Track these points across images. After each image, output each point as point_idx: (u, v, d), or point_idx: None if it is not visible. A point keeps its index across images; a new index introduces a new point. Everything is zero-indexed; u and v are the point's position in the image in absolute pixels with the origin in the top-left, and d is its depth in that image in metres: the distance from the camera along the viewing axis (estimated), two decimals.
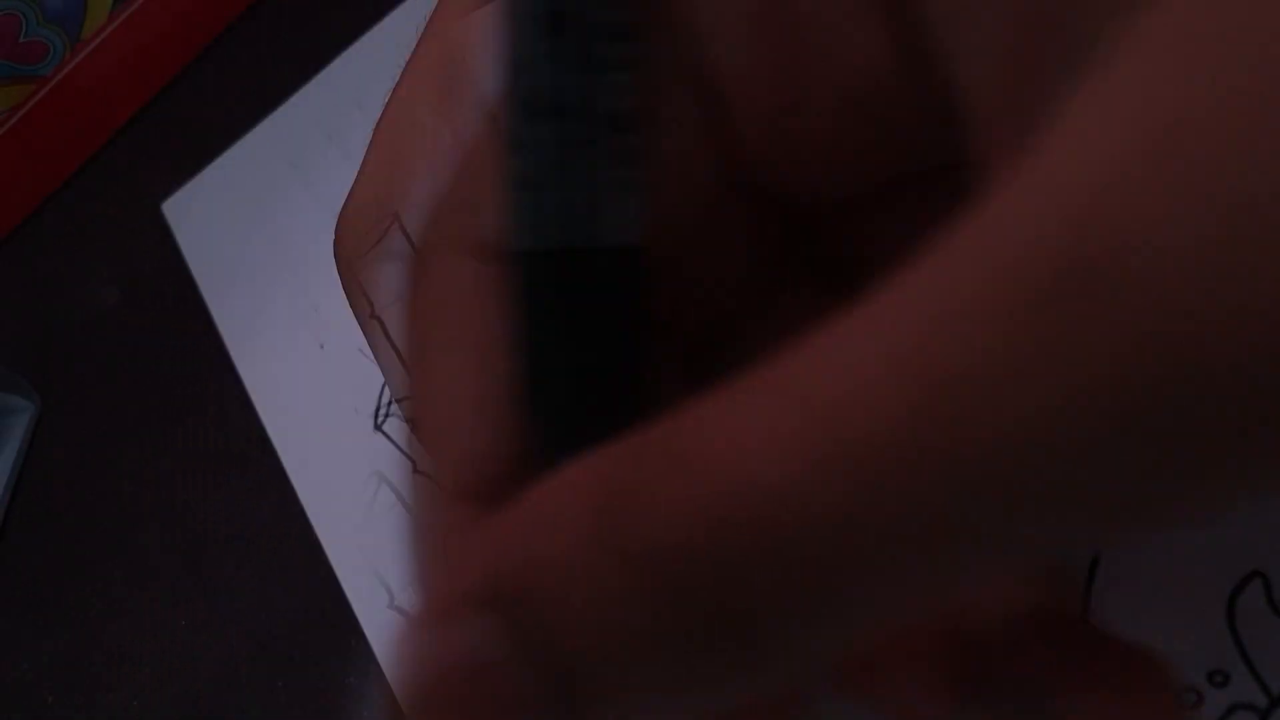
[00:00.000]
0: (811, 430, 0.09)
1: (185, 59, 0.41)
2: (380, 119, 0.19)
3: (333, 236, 0.20)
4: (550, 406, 0.14)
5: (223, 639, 0.30)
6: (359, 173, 0.19)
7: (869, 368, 0.09)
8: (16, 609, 0.34)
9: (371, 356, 0.32)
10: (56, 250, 0.41)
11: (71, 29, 0.38)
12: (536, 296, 0.13)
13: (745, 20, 0.13)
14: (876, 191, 0.14)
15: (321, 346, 0.32)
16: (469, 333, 0.15)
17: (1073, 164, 0.09)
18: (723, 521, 0.09)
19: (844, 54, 0.13)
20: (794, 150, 0.14)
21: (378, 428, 0.30)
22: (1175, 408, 0.08)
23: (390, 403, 0.30)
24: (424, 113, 0.18)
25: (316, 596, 0.29)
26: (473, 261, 0.15)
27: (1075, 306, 0.08)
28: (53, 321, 0.39)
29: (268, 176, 0.36)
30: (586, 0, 0.12)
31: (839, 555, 0.09)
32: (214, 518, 0.32)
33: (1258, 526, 0.17)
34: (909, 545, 0.09)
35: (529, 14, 0.13)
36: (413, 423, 0.15)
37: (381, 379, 0.31)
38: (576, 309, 0.13)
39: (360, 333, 0.33)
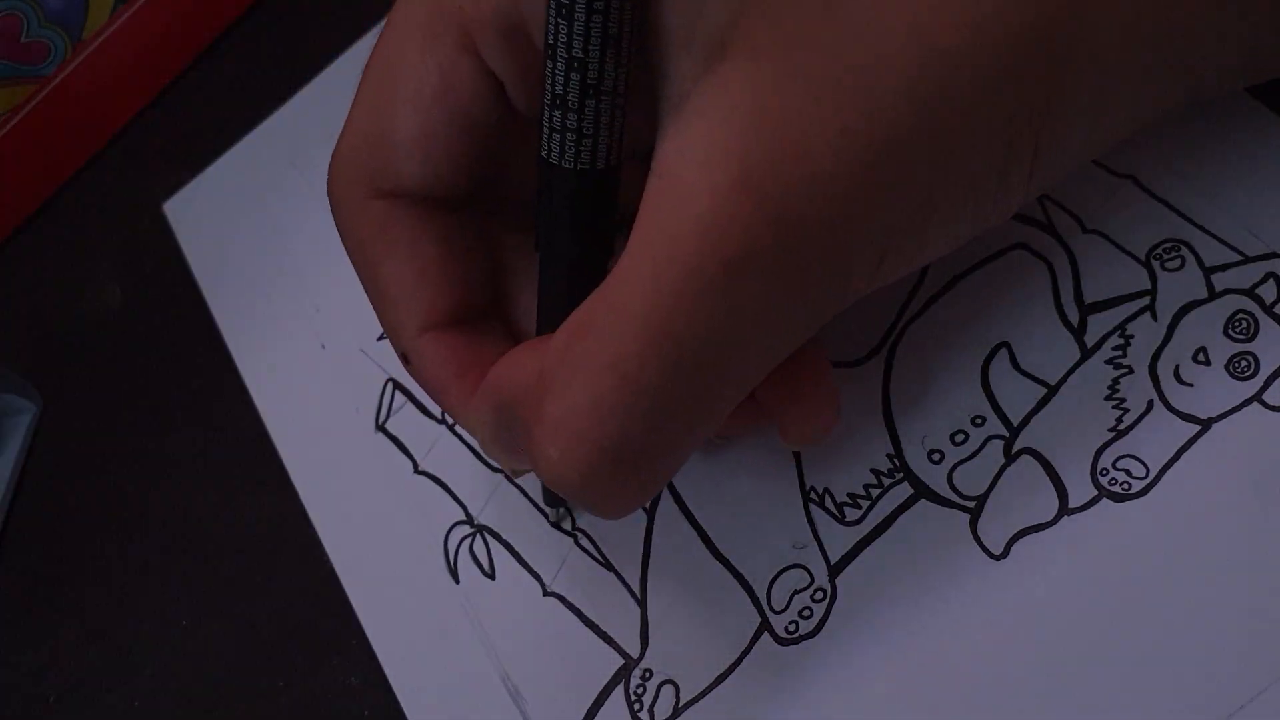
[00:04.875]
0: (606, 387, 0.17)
1: (185, 59, 0.42)
2: (369, 60, 0.21)
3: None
4: (556, 278, 0.21)
5: (223, 639, 0.30)
6: (349, 114, 0.22)
7: (626, 343, 0.17)
8: (17, 609, 0.34)
9: (372, 357, 0.33)
10: (57, 250, 0.41)
11: (73, 29, 0.38)
12: (561, 200, 0.20)
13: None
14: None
15: (322, 346, 0.32)
16: (392, 253, 0.22)
17: (681, 201, 0.17)
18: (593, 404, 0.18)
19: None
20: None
21: (379, 428, 0.30)
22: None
23: (391, 402, 0.30)
24: (410, 53, 0.21)
25: (316, 596, 0.29)
26: (380, 202, 0.22)
27: (741, 281, 0.17)
28: (54, 321, 0.39)
29: (268, 176, 0.36)
30: None
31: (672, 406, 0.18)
32: (214, 517, 0.32)
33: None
34: (696, 399, 0.18)
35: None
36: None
37: (382, 379, 0.31)
38: (584, 209, 0.20)
39: (360, 333, 0.34)
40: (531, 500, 0.27)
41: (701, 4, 0.17)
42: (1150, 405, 0.21)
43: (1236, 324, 0.21)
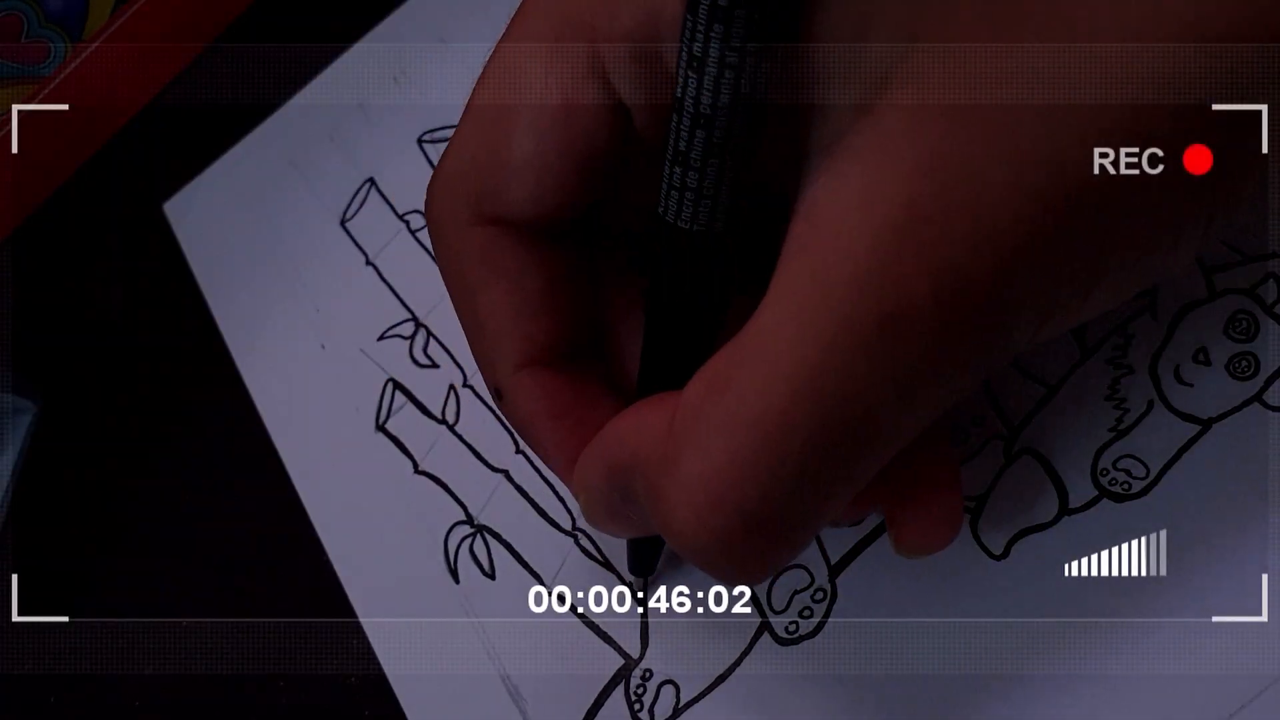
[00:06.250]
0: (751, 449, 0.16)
1: (185, 59, 0.42)
2: (483, 72, 0.19)
3: (425, 210, 0.21)
4: (663, 341, 0.19)
5: (223, 638, 0.30)
6: (455, 131, 0.20)
7: (774, 398, 0.16)
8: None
9: (372, 357, 0.33)
10: (57, 250, 0.41)
11: (73, 29, 0.38)
12: (676, 260, 0.18)
13: None
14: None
15: (322, 346, 0.32)
16: (493, 283, 0.20)
17: (838, 244, 0.15)
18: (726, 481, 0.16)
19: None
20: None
21: (379, 428, 0.30)
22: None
23: (391, 402, 0.30)
24: (532, 69, 0.18)
25: (316, 596, 0.29)
26: (484, 228, 0.20)
27: (887, 344, 0.15)
28: (53, 321, 0.39)
29: (268, 176, 0.36)
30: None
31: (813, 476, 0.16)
32: (214, 517, 0.32)
33: None
34: (829, 482, 0.16)
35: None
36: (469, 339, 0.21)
37: (382, 379, 0.31)
38: (698, 273, 0.18)
39: (360, 333, 0.33)
40: (531, 500, 0.27)
41: (865, 36, 0.16)
42: (1150, 405, 0.21)
43: (1236, 324, 0.21)
